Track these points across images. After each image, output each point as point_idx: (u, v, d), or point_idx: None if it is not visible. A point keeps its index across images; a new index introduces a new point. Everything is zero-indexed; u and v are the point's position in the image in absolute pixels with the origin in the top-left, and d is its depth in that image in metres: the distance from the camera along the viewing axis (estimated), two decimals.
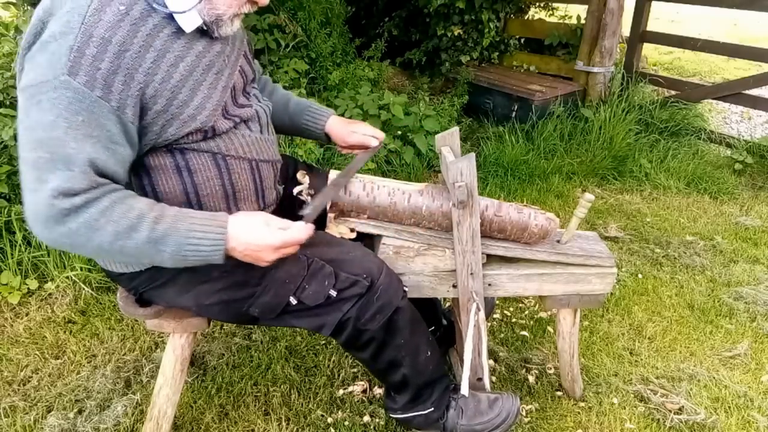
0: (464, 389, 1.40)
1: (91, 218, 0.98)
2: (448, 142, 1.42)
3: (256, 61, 1.50)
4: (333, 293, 1.23)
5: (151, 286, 1.26)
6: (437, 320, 1.80)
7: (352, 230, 1.38)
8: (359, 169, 1.42)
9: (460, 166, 1.25)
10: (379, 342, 1.31)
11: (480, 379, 1.54)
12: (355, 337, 1.29)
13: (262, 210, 1.32)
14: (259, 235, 1.07)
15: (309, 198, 1.49)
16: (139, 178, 1.14)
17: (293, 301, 1.23)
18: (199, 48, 1.10)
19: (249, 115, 1.24)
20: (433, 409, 1.45)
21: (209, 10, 1.06)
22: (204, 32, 1.11)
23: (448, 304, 1.97)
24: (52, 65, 0.94)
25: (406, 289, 1.35)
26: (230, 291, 1.24)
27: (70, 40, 0.94)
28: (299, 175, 1.51)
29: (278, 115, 1.54)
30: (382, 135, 1.55)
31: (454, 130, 1.42)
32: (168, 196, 1.15)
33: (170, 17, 1.03)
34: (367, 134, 1.53)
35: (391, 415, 1.53)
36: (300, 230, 1.10)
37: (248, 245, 1.07)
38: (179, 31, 1.05)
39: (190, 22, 1.05)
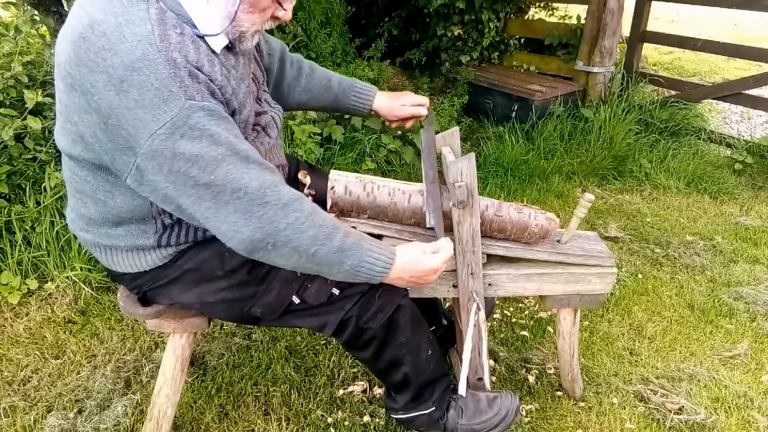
0: (462, 389, 1.40)
1: (298, 221, 1.04)
2: (448, 142, 1.42)
3: (277, 41, 1.50)
4: (335, 291, 1.24)
5: (154, 284, 1.26)
6: (438, 320, 1.80)
7: (353, 228, 1.38)
8: (436, 148, 1.44)
9: (460, 166, 1.25)
10: (380, 341, 1.31)
11: (480, 379, 1.54)
12: (357, 335, 1.29)
13: None
14: (422, 263, 1.18)
15: (311, 198, 1.48)
16: None
17: (296, 300, 1.24)
18: (232, 62, 1.12)
19: (266, 122, 1.26)
20: (434, 408, 1.45)
21: (233, 28, 1.07)
22: (228, 47, 1.12)
23: (448, 304, 1.97)
24: (166, 100, 0.94)
25: (408, 287, 1.35)
26: (234, 290, 1.24)
27: (162, 70, 0.93)
28: (301, 175, 1.50)
29: (320, 95, 1.55)
30: (426, 100, 1.56)
31: (454, 130, 1.42)
32: None
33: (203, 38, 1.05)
34: (415, 104, 1.54)
35: (392, 416, 1.53)
36: (448, 248, 1.22)
37: (414, 272, 1.18)
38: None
39: (219, 43, 1.07)
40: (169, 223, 1.19)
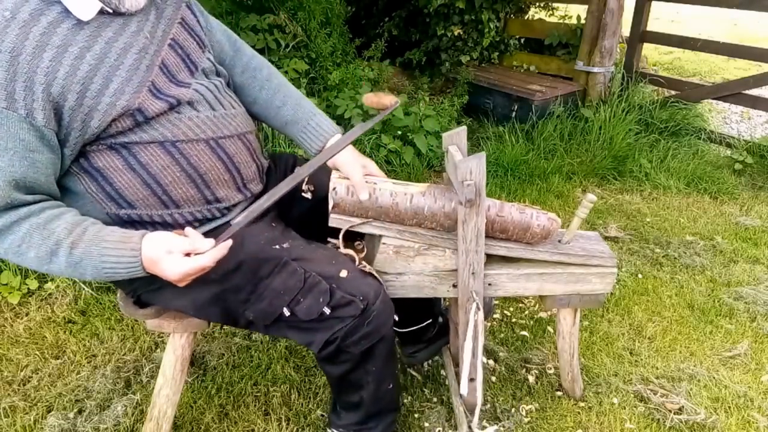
0: (463, 389, 1.40)
1: (13, 245, 1.01)
2: (455, 141, 1.42)
3: (223, 31, 1.39)
4: (327, 311, 1.20)
5: (148, 288, 1.26)
6: (434, 315, 1.78)
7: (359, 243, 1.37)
8: (303, 180, 1.31)
9: (469, 165, 1.24)
10: (353, 363, 1.29)
11: (473, 380, 1.54)
12: (335, 355, 1.27)
13: (243, 186, 1.29)
14: (160, 264, 1.06)
15: (310, 195, 1.48)
16: (94, 180, 1.13)
17: (286, 312, 1.21)
18: (109, 34, 1.06)
19: (190, 97, 1.18)
20: None
21: None
22: (117, 14, 1.06)
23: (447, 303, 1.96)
24: None
25: (396, 318, 1.33)
26: (226, 294, 1.23)
27: None
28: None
29: (268, 115, 1.44)
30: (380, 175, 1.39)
31: (462, 129, 1.41)
32: (129, 191, 1.15)
33: (68, 10, 0.99)
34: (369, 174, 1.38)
35: (332, 430, 1.49)
36: (206, 257, 1.05)
37: (154, 272, 1.08)
38: (81, 21, 1.01)
39: (86, 10, 1.01)
40: (129, 220, 1.18)
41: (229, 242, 1.09)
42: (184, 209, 1.21)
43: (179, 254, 1.05)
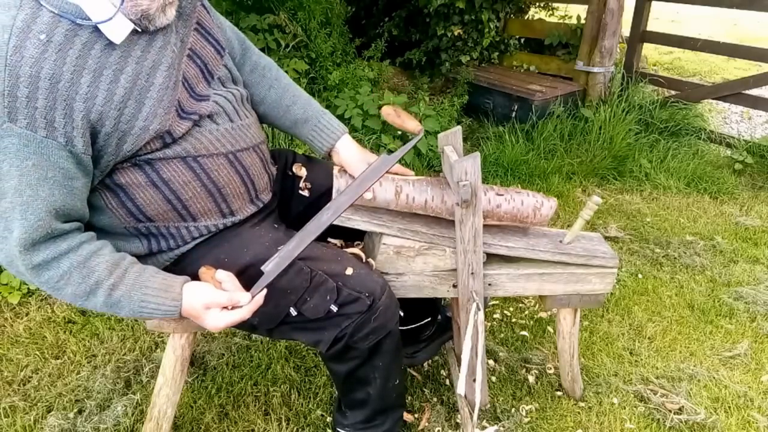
0: (461, 389, 1.39)
1: (51, 280, 1.02)
2: (450, 141, 1.42)
3: (231, 28, 1.38)
4: (334, 308, 1.20)
5: None
6: (435, 311, 1.78)
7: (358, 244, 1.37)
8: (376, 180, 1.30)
9: (465, 165, 1.24)
10: (360, 360, 1.30)
11: (474, 380, 1.54)
12: (343, 352, 1.27)
13: (256, 198, 1.31)
14: (201, 319, 1.10)
15: (308, 192, 1.47)
16: (116, 196, 1.13)
17: (293, 312, 1.21)
18: (137, 52, 1.04)
19: (210, 110, 1.18)
20: None
21: (132, 8, 0.99)
22: (140, 32, 1.04)
23: (448, 301, 1.96)
24: None
25: (401, 314, 1.34)
26: None
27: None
28: (296, 168, 1.49)
29: (276, 115, 1.44)
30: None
31: (457, 130, 1.41)
32: (150, 207, 1.15)
33: (98, 30, 0.97)
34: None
35: (338, 430, 1.49)
36: (244, 311, 1.09)
37: (196, 321, 1.12)
38: (112, 42, 0.99)
39: (119, 33, 0.99)
40: (147, 233, 1.19)
41: (264, 291, 1.12)
42: (200, 222, 1.22)
43: (217, 309, 1.08)
